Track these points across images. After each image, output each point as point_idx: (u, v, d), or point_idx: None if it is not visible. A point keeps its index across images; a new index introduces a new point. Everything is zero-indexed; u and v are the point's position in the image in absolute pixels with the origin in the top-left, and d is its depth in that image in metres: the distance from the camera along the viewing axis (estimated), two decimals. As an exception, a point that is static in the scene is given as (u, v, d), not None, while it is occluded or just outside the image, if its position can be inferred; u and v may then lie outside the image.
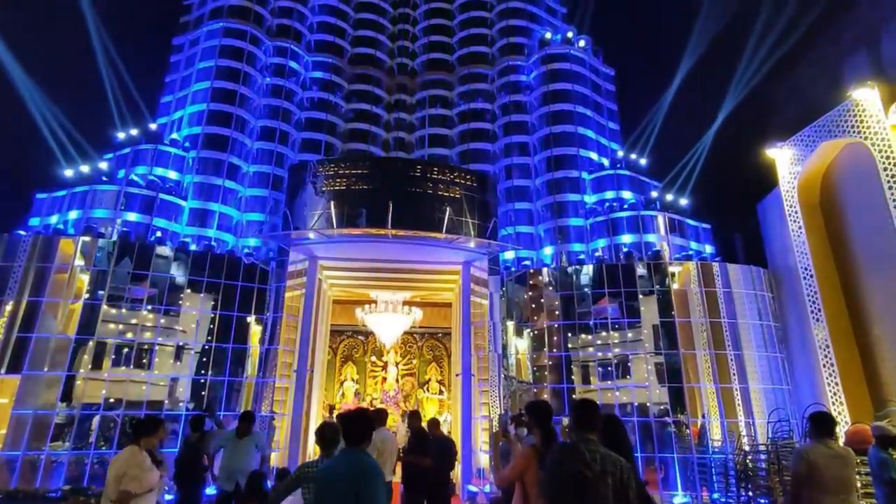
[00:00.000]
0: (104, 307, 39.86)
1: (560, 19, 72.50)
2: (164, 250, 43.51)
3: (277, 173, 56.36)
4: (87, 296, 39.91)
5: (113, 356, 39.42)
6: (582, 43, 66.02)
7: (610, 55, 68.31)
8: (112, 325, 40.12)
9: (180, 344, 41.87)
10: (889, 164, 30.14)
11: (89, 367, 38.55)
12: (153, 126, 55.95)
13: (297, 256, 46.70)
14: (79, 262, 40.48)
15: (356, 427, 7.75)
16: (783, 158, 40.64)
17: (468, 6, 71.00)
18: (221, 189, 52.98)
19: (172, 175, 51.57)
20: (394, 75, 69.49)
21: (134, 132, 53.70)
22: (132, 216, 46.76)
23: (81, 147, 54.17)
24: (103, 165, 51.29)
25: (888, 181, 30.30)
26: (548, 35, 66.31)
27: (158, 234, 47.25)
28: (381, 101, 67.17)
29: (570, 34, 66.83)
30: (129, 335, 40.40)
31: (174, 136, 55.25)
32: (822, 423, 9.65)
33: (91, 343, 38.92)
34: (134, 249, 42.05)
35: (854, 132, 33.30)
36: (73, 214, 46.01)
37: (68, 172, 49.01)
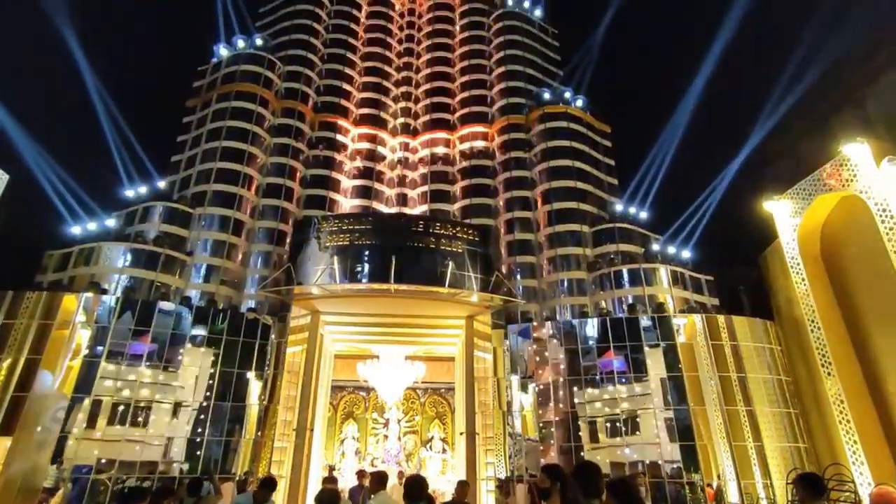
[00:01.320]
0: (103, 363, 39.41)
1: (557, 80, 75.71)
2: (167, 305, 43.51)
3: (282, 229, 57.23)
4: (86, 352, 39.57)
5: (109, 414, 38.62)
6: (579, 102, 68.68)
7: (606, 113, 70.94)
8: (110, 382, 39.48)
9: (178, 401, 41.04)
10: (886, 216, 30.54)
11: (84, 426, 37.63)
12: (162, 184, 57.49)
13: (299, 311, 46.54)
14: (80, 318, 40.40)
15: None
16: (781, 211, 41.22)
17: (468, 69, 74.48)
18: (226, 245, 53.63)
19: (179, 231, 52.43)
20: (397, 133, 71.89)
21: (143, 190, 55.12)
22: (137, 272, 47.12)
23: (92, 205, 55.50)
24: (111, 223, 52.32)
25: (887, 233, 30.59)
26: (546, 95, 69.11)
27: (162, 289, 47.45)
28: (384, 158, 69.17)
29: (567, 94, 69.66)
30: (127, 392, 39.67)
31: (183, 193, 56.59)
32: (815, 484, 9.11)
33: (87, 401, 38.17)
34: (137, 305, 42.10)
35: (848, 185, 33.97)
36: (79, 271, 46.40)
37: (76, 230, 49.91)
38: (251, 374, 44.04)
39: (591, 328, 45.76)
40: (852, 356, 35.52)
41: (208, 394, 42.17)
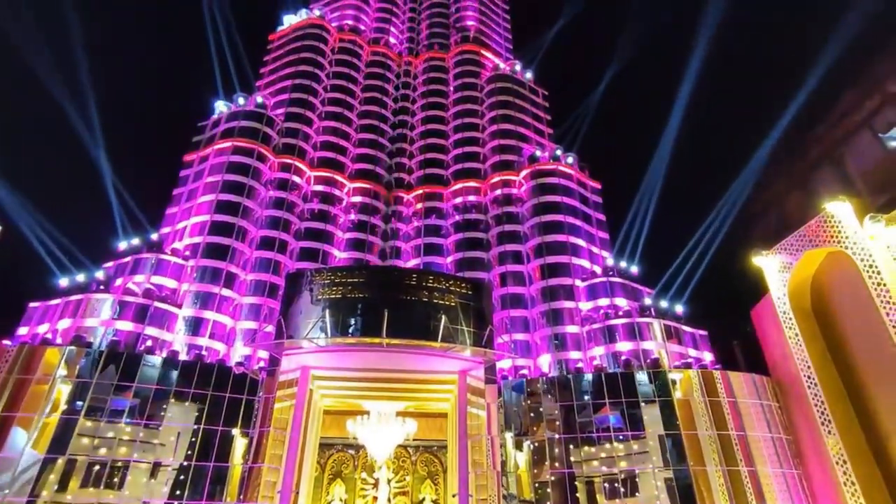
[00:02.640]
0: (81, 420, 37.91)
1: (548, 138, 78.31)
2: (153, 359, 42.45)
3: (274, 281, 56.95)
4: (65, 407, 38.12)
5: (83, 475, 36.70)
6: (570, 159, 70.78)
7: (597, 169, 72.99)
8: (87, 440, 37.80)
9: (157, 461, 39.19)
10: (873, 272, 31.04)
11: (55, 488, 35.67)
12: (155, 236, 57.51)
13: (289, 366, 45.55)
14: (62, 371, 39.23)
15: None
16: (770, 266, 41.82)
17: (461, 127, 77.04)
18: (217, 297, 53.10)
19: (170, 283, 51.99)
20: (391, 188, 73.23)
21: (136, 241, 55.04)
22: (124, 325, 46.26)
23: (82, 257, 55.22)
24: (100, 274, 51.85)
25: (875, 289, 30.98)
26: (537, 152, 71.30)
27: (149, 342, 46.46)
28: (379, 212, 70.08)
29: (558, 151, 71.84)
30: (104, 450, 37.93)
31: (176, 245, 56.59)
32: None
33: (60, 461, 36.40)
34: (121, 359, 41.02)
35: (834, 241, 34.69)
36: (63, 323, 45.49)
37: (64, 281, 49.35)
38: (236, 432, 42.41)
39: (586, 383, 45.01)
40: (852, 414, 35.00)
41: (190, 452, 40.38)
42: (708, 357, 51.25)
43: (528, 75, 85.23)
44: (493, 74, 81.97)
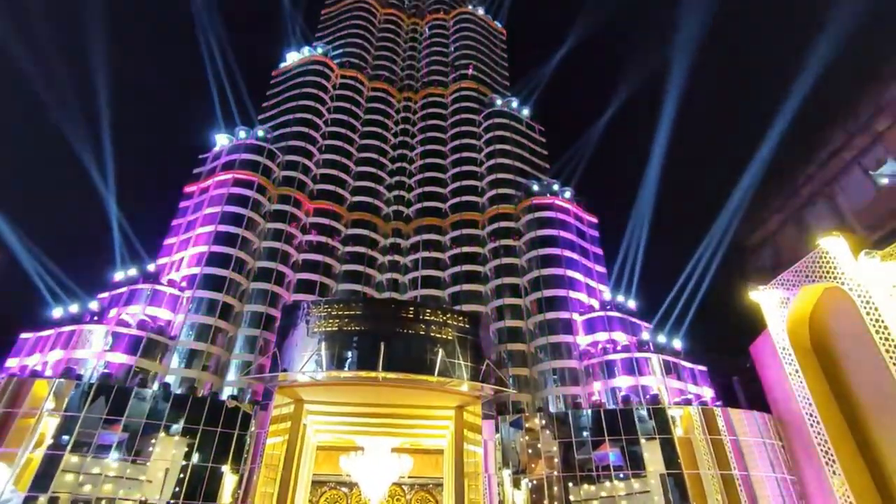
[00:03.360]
0: (66, 455, 36.77)
1: (545, 173, 79.39)
2: (144, 392, 41.60)
3: (271, 313, 56.52)
4: (50, 442, 37.07)
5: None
6: (567, 194, 71.64)
7: (594, 204, 73.77)
8: (71, 477, 36.57)
9: (143, 499, 37.83)
10: (871, 308, 31.03)
11: (35, 529, 34.31)
12: (152, 267, 57.34)
13: (282, 400, 44.68)
14: (50, 405, 38.33)
15: None
16: (767, 301, 41.76)
17: (460, 161, 78.20)
18: (212, 329, 52.55)
19: (165, 315, 51.51)
20: (389, 220, 73.69)
21: (133, 272, 54.78)
22: (117, 356, 45.55)
23: (77, 288, 54.90)
24: (94, 305, 51.36)
25: (873, 325, 30.90)
26: (534, 187, 72.15)
27: (141, 375, 45.67)
28: (377, 244, 70.29)
29: (554, 186, 72.79)
30: (88, 487, 36.66)
31: (172, 276, 56.35)
32: None
33: (42, 499, 35.08)
34: (111, 391, 40.17)
35: (830, 277, 34.80)
36: (54, 355, 44.76)
37: (57, 312, 48.86)
38: (226, 468, 41.18)
39: (585, 419, 44.18)
40: (856, 453, 34.35)
41: (177, 489, 39.07)
42: (708, 393, 50.56)
43: (525, 112, 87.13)
44: (491, 111, 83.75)
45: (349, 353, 43.38)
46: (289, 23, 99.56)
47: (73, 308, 50.14)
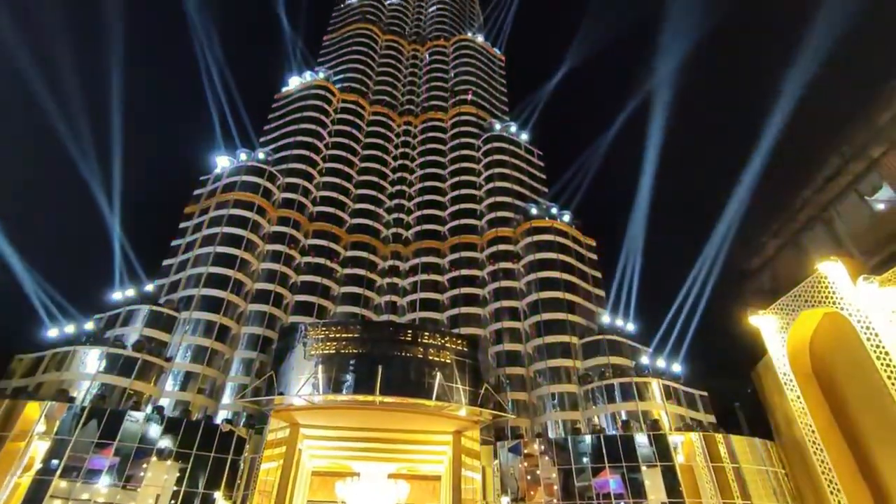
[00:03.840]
0: (56, 480, 36.00)
1: (543, 197, 79.93)
2: (137, 415, 40.98)
3: (268, 335, 56.12)
4: (39, 466, 36.35)
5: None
6: (565, 217, 71.99)
7: (592, 227, 74.04)
8: (59, 503, 35.74)
9: (132, 528, 36.93)
10: (871, 333, 30.87)
11: (19, 558, 33.39)
12: (150, 287, 57.12)
13: (277, 424, 44.05)
14: (40, 428, 37.74)
15: None
16: (767, 326, 41.54)
17: (459, 185, 78.79)
18: (208, 351, 52.10)
19: (162, 336, 51.12)
20: (388, 243, 73.83)
21: (130, 293, 54.54)
22: (111, 378, 44.98)
23: (73, 309, 54.47)
24: (91, 326, 50.97)
25: (874, 350, 30.69)
26: (533, 210, 72.54)
27: (135, 397, 45.08)
28: (375, 267, 70.29)
29: (553, 209, 73.20)
30: (76, 515, 35.78)
31: (170, 296, 56.13)
32: None
33: (29, 526, 34.26)
34: (104, 414, 39.58)
35: (829, 302, 34.71)
36: (47, 377, 44.23)
37: (53, 333, 48.46)
38: (219, 494, 40.29)
39: (585, 445, 43.51)
40: (860, 481, 33.75)
41: (168, 517, 38.15)
42: (709, 419, 49.94)
43: (524, 136, 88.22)
44: (490, 135, 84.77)
45: (346, 377, 42.94)
46: (291, 49, 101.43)
47: (69, 329, 49.77)
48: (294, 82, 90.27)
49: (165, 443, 40.31)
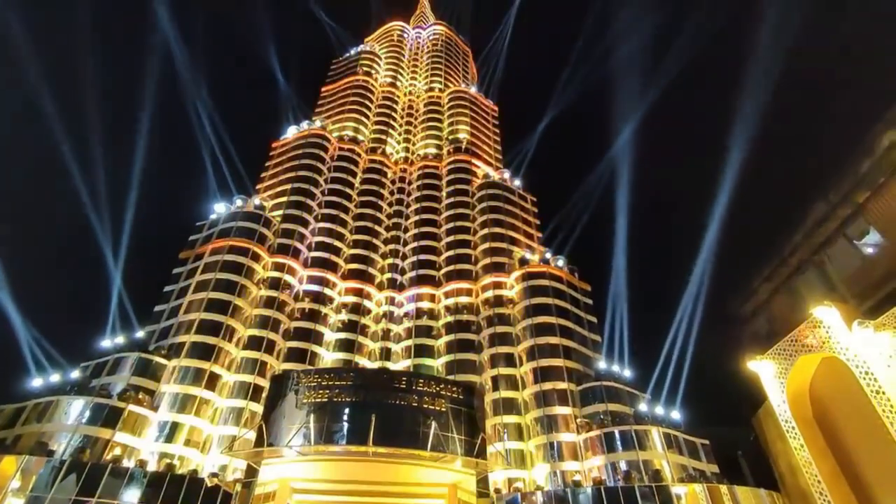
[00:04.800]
0: (28, 543, 34.09)
1: (537, 242, 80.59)
2: (119, 469, 39.31)
3: (259, 383, 54.80)
4: (11, 528, 34.51)
5: None
6: (560, 262, 72.28)
7: (586, 272, 74.24)
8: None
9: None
10: (870, 379, 30.60)
11: None
12: (141, 334, 56.13)
13: (267, 477, 42.33)
14: (15, 484, 36.02)
15: None
16: (765, 371, 41.09)
17: (453, 230, 79.41)
18: (198, 400, 50.67)
19: (149, 384, 49.79)
20: (383, 288, 73.57)
21: (121, 339, 53.52)
22: (93, 430, 43.42)
23: (64, 355, 53.25)
24: (77, 374, 49.67)
25: (874, 396, 30.32)
26: (527, 255, 72.91)
27: (118, 450, 43.37)
28: (370, 312, 69.73)
29: (547, 254, 73.58)
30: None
31: (161, 343, 55.08)
32: None
33: None
34: (84, 469, 37.96)
35: (826, 347, 34.56)
36: (28, 428, 42.66)
37: (38, 382, 47.13)
38: (201, 558, 38.18)
39: (585, 498, 41.96)
40: (871, 534, 32.56)
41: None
42: (712, 469, 48.52)
43: (517, 182, 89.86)
44: (484, 182, 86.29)
45: (339, 426, 41.70)
46: (288, 99, 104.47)
47: (55, 377, 48.45)
48: (292, 131, 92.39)
49: (148, 498, 38.50)
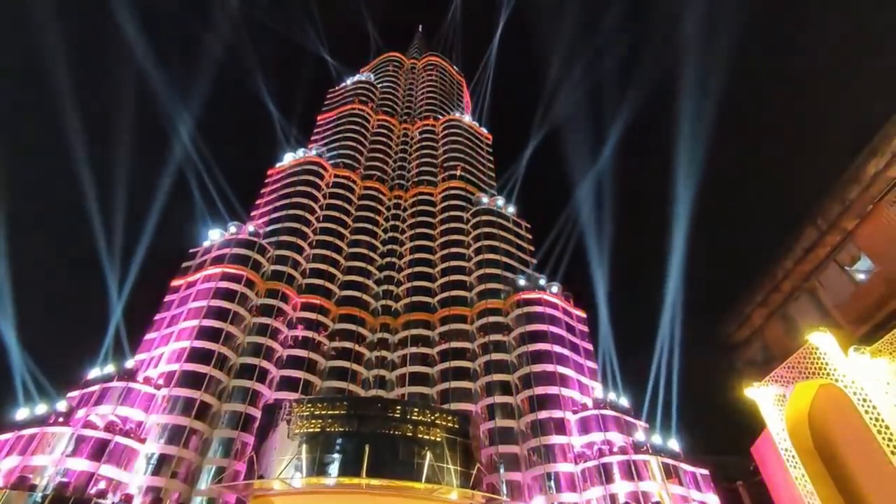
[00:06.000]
0: (6, 583, 32.69)
1: (532, 268, 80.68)
2: (103, 504, 38.07)
3: (250, 413, 53.71)
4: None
5: None
6: (554, 288, 72.22)
7: (581, 299, 74.36)
8: None
9: None
10: (869, 406, 30.36)
11: None
12: (130, 363, 55.13)
13: (256, 511, 41.07)
14: (-3, 520, 34.75)
15: None
16: (763, 399, 40.70)
17: (448, 257, 79.49)
18: (186, 430, 49.49)
19: (137, 415, 48.65)
20: (377, 315, 73.06)
21: (110, 368, 52.53)
22: (78, 463, 42.18)
23: (53, 386, 52.14)
24: (63, 405, 48.52)
25: (873, 424, 30.05)
26: (521, 282, 72.86)
27: (102, 484, 42.05)
28: (364, 339, 69.05)
29: (541, 281, 73.60)
30: None
31: (150, 373, 54.08)
32: None
33: None
34: (67, 503, 36.73)
35: (823, 374, 34.37)
36: (9, 461, 41.38)
37: (23, 413, 45.98)
38: None
39: (585, 532, 40.84)
40: (876, 567, 31.75)
41: None
42: (712, 500, 47.61)
43: (511, 209, 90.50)
44: (478, 208, 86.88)
45: (331, 457, 40.73)
46: (284, 128, 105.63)
47: (41, 408, 47.29)
48: (288, 158, 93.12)
49: (132, 535, 37.18)
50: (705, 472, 49.77)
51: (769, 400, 40.20)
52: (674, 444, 53.00)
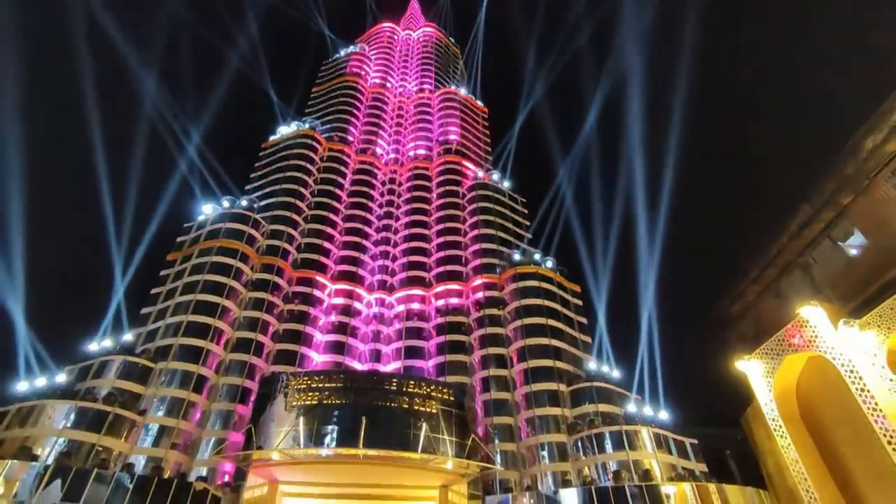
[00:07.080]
0: (10, 551, 33.46)
1: (527, 243, 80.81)
2: (104, 474, 38.71)
3: (247, 386, 54.32)
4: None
5: None
6: (549, 263, 72.51)
7: (576, 273, 74.53)
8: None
9: None
10: (855, 377, 31.05)
11: None
12: (128, 337, 55.36)
13: (255, 480, 41.97)
14: None
15: None
16: (753, 371, 41.56)
17: (444, 232, 79.43)
18: (185, 403, 50.07)
19: (135, 388, 49.11)
20: (374, 290, 73.34)
21: (108, 343, 52.75)
22: (79, 434, 42.69)
23: (52, 358, 52.29)
24: (62, 378, 48.87)
25: (860, 394, 30.78)
26: (517, 256, 73.07)
27: (104, 454, 42.70)
28: (360, 314, 69.45)
29: (536, 255, 73.82)
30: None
31: (147, 346, 54.38)
32: None
33: None
34: (69, 473, 37.31)
35: (812, 346, 35.01)
36: (10, 433, 41.86)
37: (23, 386, 46.31)
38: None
39: (575, 499, 42.08)
40: (856, 531, 32.99)
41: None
42: (700, 468, 48.93)
43: (507, 184, 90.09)
44: (474, 183, 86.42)
45: (328, 429, 41.45)
46: (278, 101, 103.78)
47: (40, 381, 47.62)
48: (281, 131, 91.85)
49: (134, 503, 37.95)
50: (694, 441, 51.01)
51: (759, 372, 41.14)
52: (665, 416, 54.14)
